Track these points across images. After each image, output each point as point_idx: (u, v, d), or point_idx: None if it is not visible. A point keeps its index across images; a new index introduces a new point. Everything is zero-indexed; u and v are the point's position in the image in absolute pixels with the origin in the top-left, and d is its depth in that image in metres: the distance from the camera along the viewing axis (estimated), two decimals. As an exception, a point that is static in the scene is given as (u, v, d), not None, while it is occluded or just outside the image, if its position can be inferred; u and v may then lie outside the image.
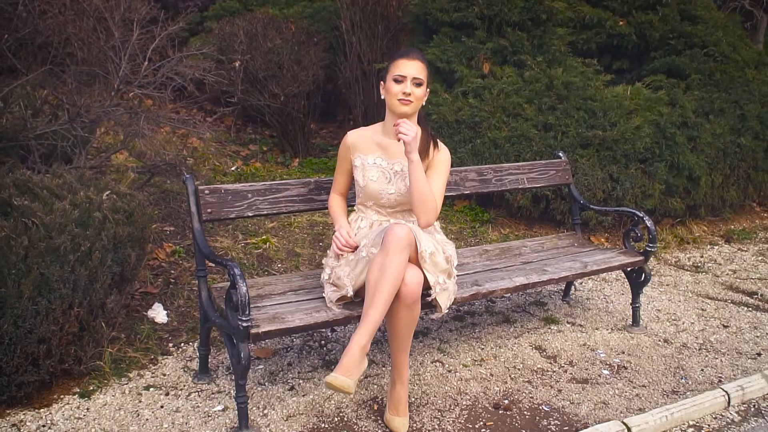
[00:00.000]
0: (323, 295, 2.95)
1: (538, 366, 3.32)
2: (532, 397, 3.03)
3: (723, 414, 2.94)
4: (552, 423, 2.83)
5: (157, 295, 3.76)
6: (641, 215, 3.68)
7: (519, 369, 3.29)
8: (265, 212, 3.12)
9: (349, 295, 2.77)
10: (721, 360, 3.45)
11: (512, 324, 3.80)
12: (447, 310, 2.80)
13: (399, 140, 2.79)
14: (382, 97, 2.92)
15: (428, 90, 2.94)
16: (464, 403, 2.97)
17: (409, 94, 2.81)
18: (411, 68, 2.82)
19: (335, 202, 3.12)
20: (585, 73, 5.11)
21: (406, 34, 6.18)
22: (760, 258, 5.11)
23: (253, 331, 2.57)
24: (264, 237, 4.52)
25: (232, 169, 6.19)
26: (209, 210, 2.98)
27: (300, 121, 6.56)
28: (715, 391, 2.99)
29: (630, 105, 4.96)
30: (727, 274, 4.75)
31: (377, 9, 6.72)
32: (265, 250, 4.42)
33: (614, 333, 3.73)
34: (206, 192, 2.98)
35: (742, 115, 5.33)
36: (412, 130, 2.75)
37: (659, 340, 3.66)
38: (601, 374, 3.27)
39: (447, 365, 3.30)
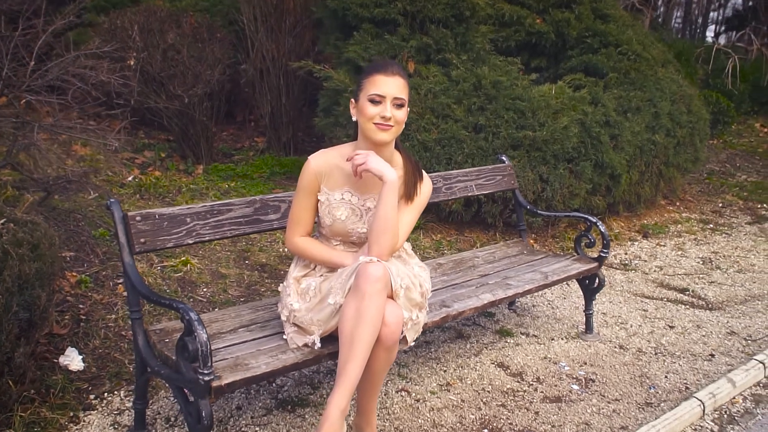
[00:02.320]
0: (280, 330, 2.60)
1: (507, 386, 3.13)
2: (511, 424, 2.83)
3: (701, 425, 2.88)
4: (540, 453, 2.64)
5: (67, 337, 3.21)
6: (594, 220, 3.59)
7: (489, 392, 3.08)
8: (207, 238, 2.70)
9: (316, 347, 2.41)
10: (679, 364, 3.41)
11: (467, 340, 3.60)
12: (414, 343, 2.52)
13: (358, 175, 2.39)
14: (354, 118, 2.50)
15: (408, 110, 2.50)
16: (442, 437, 2.72)
17: (389, 119, 2.37)
18: (391, 86, 2.38)
19: (309, 244, 2.54)
20: (510, 72, 5.00)
21: (320, 30, 5.81)
22: (679, 252, 5.24)
23: (215, 384, 2.17)
24: (183, 258, 4.03)
25: (129, 179, 5.57)
26: (142, 240, 2.52)
27: (203, 124, 6.03)
28: (691, 401, 2.92)
29: (556, 104, 4.91)
30: (655, 271, 4.82)
31: (282, 3, 6.30)
32: (186, 273, 3.95)
33: (570, 342, 3.61)
34: (137, 219, 2.52)
35: (656, 113, 5.45)
36: (363, 155, 2.38)
37: (615, 347, 3.59)
38: (572, 390, 3.13)
39: (414, 394, 3.03)
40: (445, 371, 3.25)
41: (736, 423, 2.91)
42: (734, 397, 3.09)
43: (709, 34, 21.35)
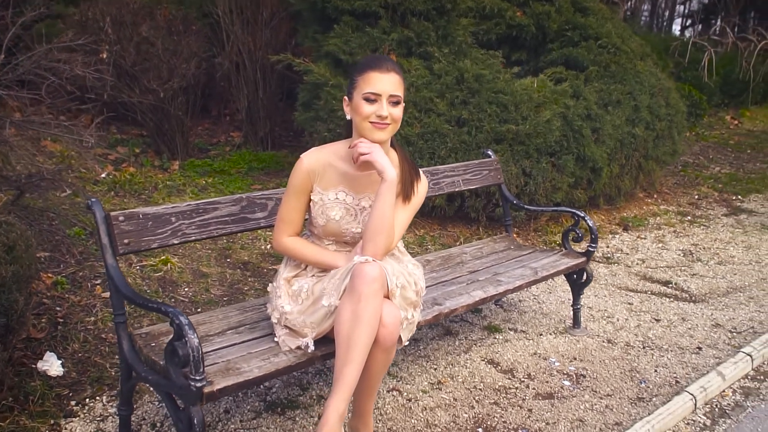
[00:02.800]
0: (270, 332, 2.52)
1: (499, 384, 3.10)
2: (505, 422, 2.80)
3: (694, 419, 2.88)
4: (536, 451, 2.61)
5: (45, 341, 3.10)
6: (582, 215, 3.57)
7: (480, 389, 3.04)
8: (194, 238, 2.61)
9: (310, 350, 2.34)
10: (667, 358, 3.42)
11: (455, 336, 3.56)
12: (407, 342, 2.47)
13: (357, 162, 2.33)
14: (348, 117, 2.41)
15: (403, 105, 2.41)
16: (437, 437, 2.68)
17: (386, 117, 2.30)
18: (386, 83, 2.29)
19: (298, 244, 2.46)
20: (492, 66, 4.96)
21: (298, 23, 5.70)
22: (660, 245, 5.27)
23: (207, 390, 2.09)
24: (163, 257, 3.92)
25: (103, 176, 5.42)
26: (126, 241, 2.42)
27: (178, 119, 5.89)
28: (683, 396, 2.92)
29: (538, 98, 4.89)
30: (638, 264, 4.84)
31: (258, -6, 6.19)
32: (166, 273, 3.84)
33: (559, 337, 3.60)
34: (120, 219, 2.43)
35: (635, 106, 5.46)
36: (369, 145, 2.33)
37: (603, 342, 3.58)
38: (563, 386, 3.11)
39: (405, 393, 2.98)
40: (435, 369, 3.20)
41: (727, 416, 2.91)
42: (724, 390, 3.10)
43: (676, 27, 21.66)
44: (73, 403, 2.78)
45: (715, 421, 2.88)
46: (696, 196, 6.85)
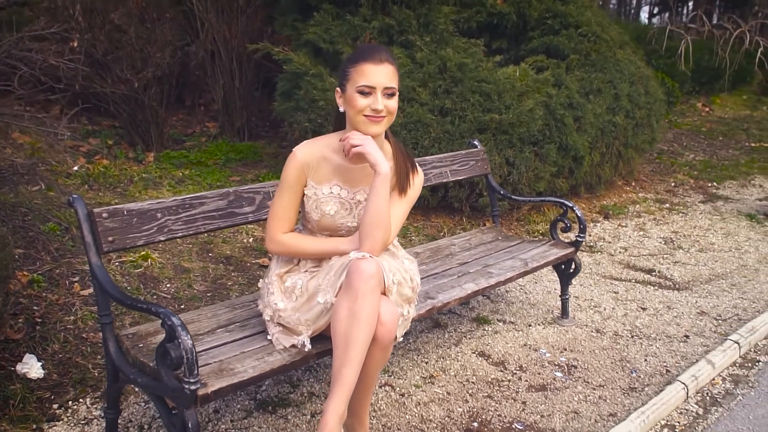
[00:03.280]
0: (261, 330, 2.46)
1: (492, 376, 3.07)
2: (500, 415, 2.77)
3: (686, 408, 2.88)
4: (533, 444, 2.59)
5: (23, 342, 2.98)
6: (570, 204, 3.56)
7: (473, 383, 3.01)
8: (180, 234, 2.52)
9: (306, 349, 2.28)
10: (656, 347, 3.43)
11: (444, 329, 3.52)
12: (402, 338, 2.42)
13: (348, 155, 2.26)
14: (341, 109, 2.34)
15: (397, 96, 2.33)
16: (432, 433, 2.64)
17: (381, 111, 2.23)
18: (381, 75, 2.22)
19: (295, 239, 2.37)
20: (475, 54, 4.91)
21: (276, 11, 5.58)
22: (641, 233, 5.30)
23: (201, 392, 2.02)
24: (143, 252, 3.81)
25: (75, 168, 5.26)
26: (110, 238, 2.33)
27: (153, 110, 5.74)
28: (675, 385, 2.92)
29: (521, 87, 4.86)
30: (620, 252, 4.85)
31: (233, -19, 6.04)
32: (146, 269, 3.74)
33: (548, 328, 3.58)
34: (104, 216, 2.33)
35: (616, 95, 5.47)
36: (361, 137, 2.26)
37: (592, 331, 3.58)
38: (556, 377, 3.09)
39: (398, 388, 2.93)
40: (426, 363, 3.17)
41: (719, 405, 2.93)
42: (714, 379, 3.12)
43: (643, 15, 21.86)
44: (55, 406, 2.68)
45: (707, 409, 2.89)
46: (672, 184, 6.91)
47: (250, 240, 4.29)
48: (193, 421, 2.01)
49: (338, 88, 2.34)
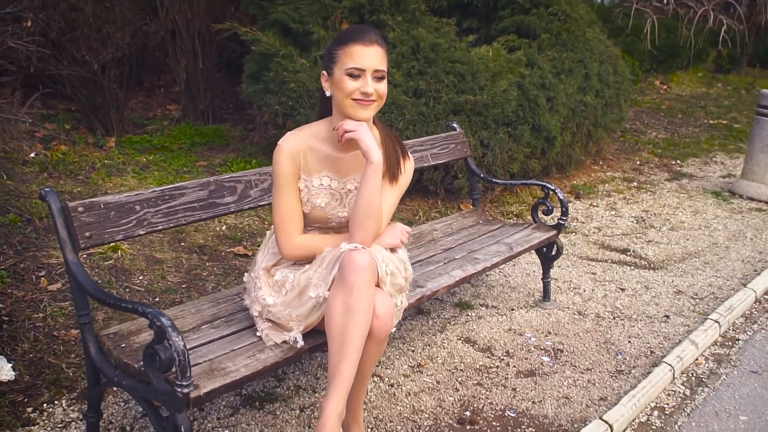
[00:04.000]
0: (249, 325, 2.36)
1: (480, 363, 3.04)
2: (491, 403, 2.74)
3: (674, 389, 2.90)
4: (528, 431, 2.57)
5: (-10, 342, 2.82)
6: (552, 187, 3.53)
7: (462, 370, 2.97)
8: (161, 227, 2.40)
9: (299, 346, 2.20)
10: (638, 328, 3.45)
11: (428, 315, 3.48)
12: (394, 329, 2.35)
13: (342, 140, 2.17)
14: (328, 93, 2.22)
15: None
16: (425, 423, 2.60)
17: (371, 94, 2.13)
18: (370, 57, 2.12)
19: (308, 241, 2.26)
20: (447, 34, 4.83)
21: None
22: (612, 213, 5.33)
23: (193, 394, 1.92)
24: (112, 244, 3.64)
25: (32, 155, 5.02)
26: (87, 234, 2.20)
27: (113, 92, 5.50)
28: (662, 367, 2.94)
29: (494, 67, 4.80)
30: (594, 233, 4.87)
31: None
32: (117, 261, 3.58)
33: (530, 311, 3.57)
34: (80, 210, 2.19)
35: (586, 74, 5.46)
36: (356, 123, 2.18)
37: (574, 314, 3.58)
38: (543, 362, 3.08)
39: (387, 379, 2.88)
40: (413, 351, 3.12)
41: (704, 385, 2.95)
42: (697, 359, 3.15)
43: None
44: (29, 409, 2.54)
45: (693, 390, 2.92)
46: (638, 162, 6.99)
47: (224, 228, 4.16)
48: (186, 425, 1.92)
49: (324, 72, 2.24)
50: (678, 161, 7.16)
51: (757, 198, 5.81)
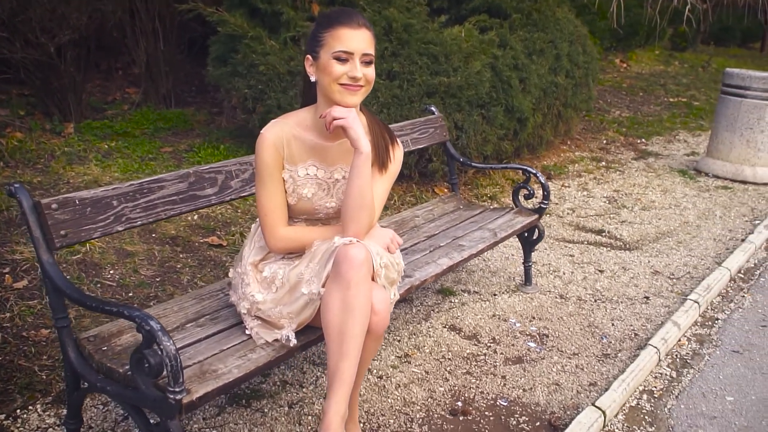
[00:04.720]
0: (236, 322, 2.27)
1: (467, 351, 3.00)
2: (482, 392, 2.71)
3: (660, 372, 2.92)
4: (521, 420, 2.54)
5: (-46, 346, 2.67)
6: (534, 171, 3.50)
7: (450, 359, 2.94)
8: (140, 222, 2.27)
9: (292, 344, 2.12)
10: (620, 310, 3.46)
11: (411, 303, 3.43)
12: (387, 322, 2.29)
13: (330, 128, 2.07)
14: (312, 78, 2.12)
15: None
16: (418, 416, 2.55)
17: (359, 79, 2.03)
18: (359, 40, 2.03)
19: (294, 233, 2.18)
20: (419, 15, 4.73)
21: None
22: (584, 193, 5.35)
23: (185, 399, 1.83)
24: (79, 237, 3.48)
25: (-15, 143, 4.77)
26: (63, 232, 2.06)
27: (70, 76, 5.26)
28: (648, 349, 2.95)
29: (467, 48, 4.73)
30: (568, 214, 4.89)
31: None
32: (85, 255, 3.43)
33: (513, 296, 3.55)
34: (54, 207, 2.05)
35: (557, 55, 5.44)
36: (345, 110, 2.10)
37: (556, 297, 3.58)
38: (530, 348, 3.06)
39: (375, 371, 2.82)
40: (399, 341, 3.06)
41: (689, 366, 2.98)
42: (680, 340, 3.18)
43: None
44: (2, 416, 2.41)
45: (679, 372, 2.94)
46: (604, 141, 7.04)
47: (195, 217, 4.02)
48: (178, 432, 1.83)
49: (309, 56, 2.13)
50: (643, 140, 7.24)
51: (722, 176, 5.91)
